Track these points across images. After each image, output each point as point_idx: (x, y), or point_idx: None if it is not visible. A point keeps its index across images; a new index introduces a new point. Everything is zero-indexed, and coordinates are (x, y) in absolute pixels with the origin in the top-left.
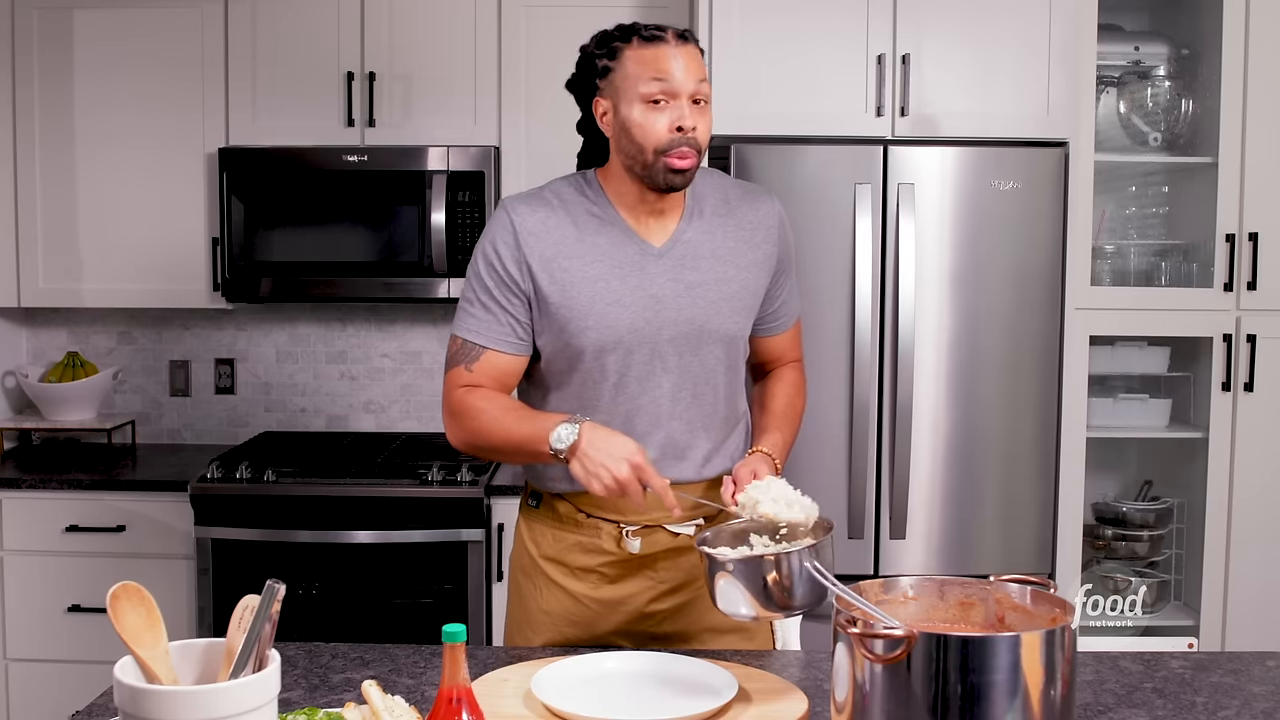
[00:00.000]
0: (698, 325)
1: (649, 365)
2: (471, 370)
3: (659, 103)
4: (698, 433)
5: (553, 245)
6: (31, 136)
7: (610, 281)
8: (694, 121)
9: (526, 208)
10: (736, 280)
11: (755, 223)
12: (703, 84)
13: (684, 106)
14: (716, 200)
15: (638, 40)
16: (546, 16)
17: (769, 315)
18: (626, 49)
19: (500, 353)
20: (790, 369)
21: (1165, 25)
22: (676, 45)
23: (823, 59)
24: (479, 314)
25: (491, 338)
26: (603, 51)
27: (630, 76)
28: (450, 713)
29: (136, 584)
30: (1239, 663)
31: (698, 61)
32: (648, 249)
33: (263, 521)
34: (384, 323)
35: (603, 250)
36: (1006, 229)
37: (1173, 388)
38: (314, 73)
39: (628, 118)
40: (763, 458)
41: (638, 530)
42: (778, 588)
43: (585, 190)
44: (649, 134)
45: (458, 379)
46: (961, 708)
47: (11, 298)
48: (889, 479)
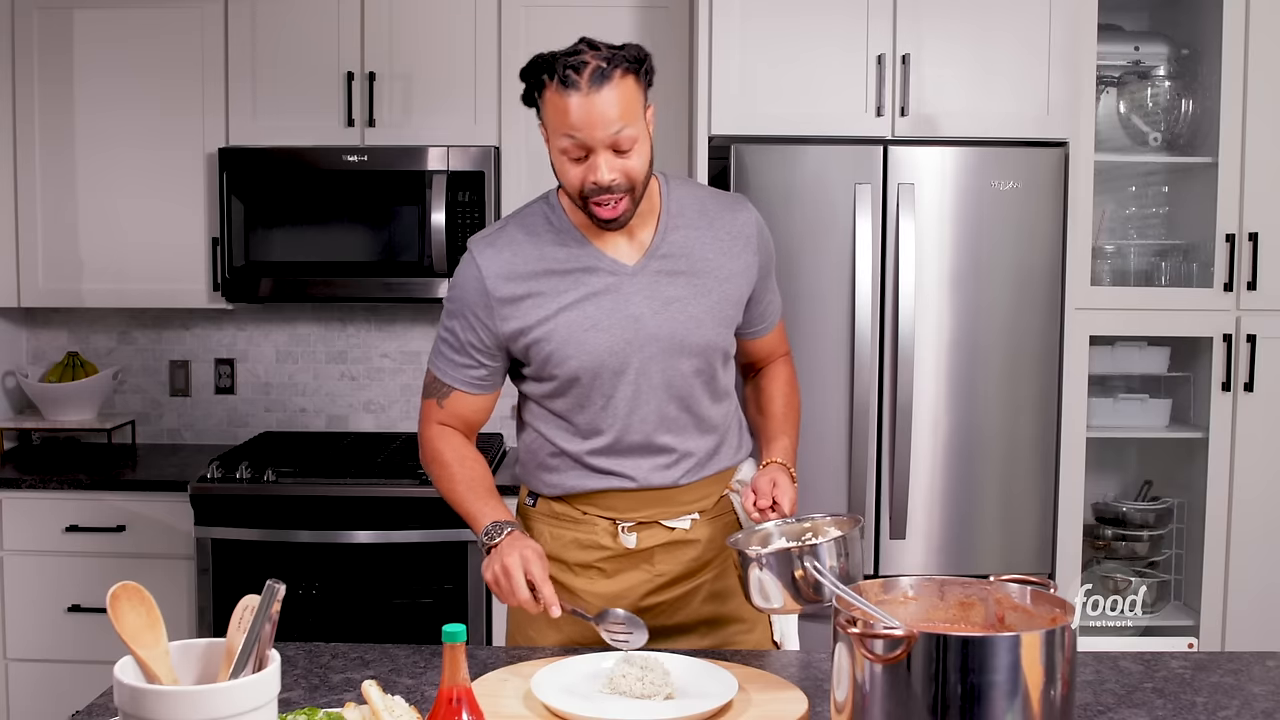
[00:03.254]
0: (678, 340)
1: (635, 383)
2: (442, 406)
3: (572, 155)
4: (690, 439)
5: (522, 285)
6: (31, 137)
7: (585, 308)
8: (611, 174)
9: (492, 250)
10: (716, 292)
11: (734, 233)
12: (624, 131)
13: (598, 159)
14: (694, 212)
15: (554, 84)
16: (546, 16)
17: (754, 319)
18: (545, 90)
19: (466, 394)
20: (780, 364)
21: (1165, 25)
22: (589, 93)
23: (823, 59)
24: (448, 354)
25: (458, 379)
26: (532, 80)
27: (548, 122)
28: (450, 713)
29: (136, 584)
30: (1239, 663)
31: (617, 106)
32: (620, 269)
33: (263, 521)
34: (384, 323)
35: (574, 278)
36: (1006, 229)
37: (1173, 388)
38: (314, 73)
39: (552, 158)
40: (779, 468)
41: (633, 525)
42: (804, 581)
43: (550, 216)
44: (568, 181)
45: (431, 413)
46: (961, 708)
47: (11, 298)
48: (889, 479)
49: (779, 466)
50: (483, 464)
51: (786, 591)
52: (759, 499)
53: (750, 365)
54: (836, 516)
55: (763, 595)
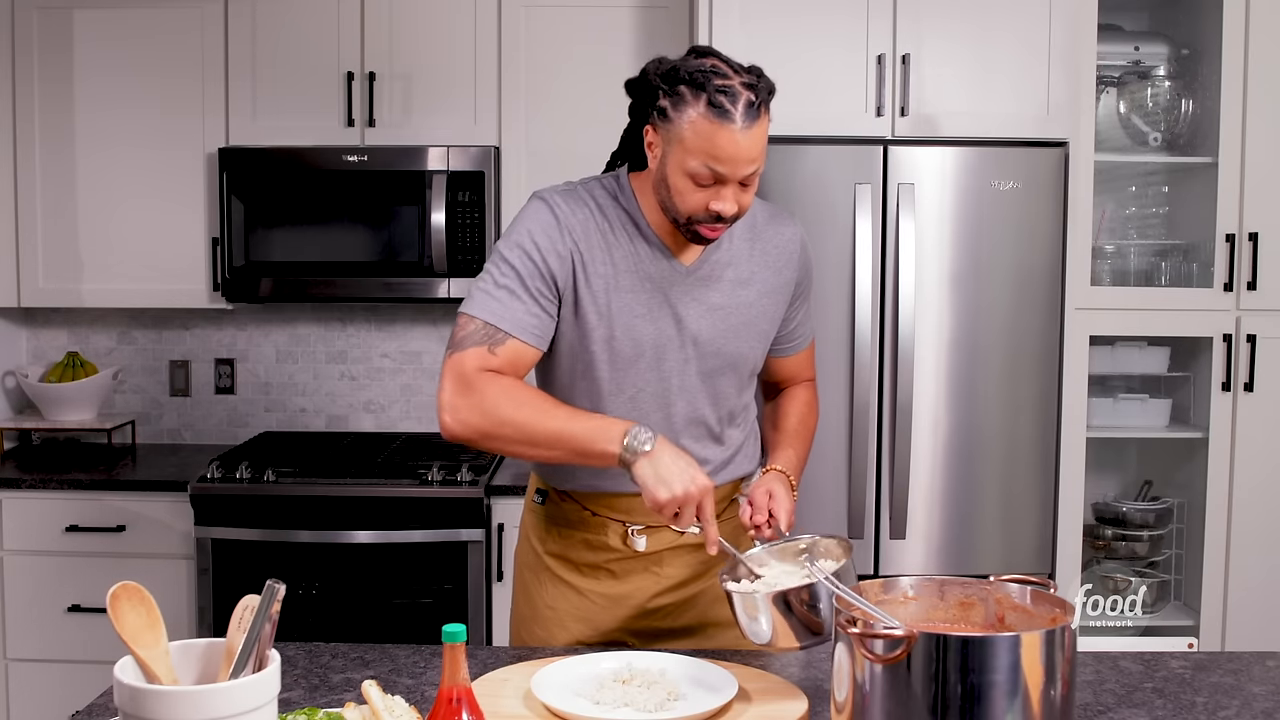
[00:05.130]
0: (715, 348)
1: (664, 382)
2: (496, 354)
3: (702, 181)
4: (708, 447)
5: (590, 246)
6: (31, 136)
7: (639, 294)
8: (734, 206)
9: (566, 203)
10: (756, 306)
11: (780, 247)
12: (758, 166)
13: (727, 191)
14: (744, 223)
15: (706, 106)
16: (546, 16)
17: (784, 337)
18: (690, 109)
19: (524, 343)
20: (803, 388)
21: (1165, 25)
22: (744, 127)
23: (823, 59)
24: (505, 299)
25: (518, 325)
26: (667, 89)
27: (684, 141)
28: (450, 713)
29: (136, 584)
30: (1239, 663)
31: (761, 142)
32: (677, 267)
33: (263, 521)
34: (384, 323)
35: (634, 261)
36: (1006, 229)
37: (1173, 388)
38: (314, 73)
39: (670, 175)
40: (777, 476)
41: (643, 529)
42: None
43: (619, 196)
44: (685, 202)
45: (479, 359)
46: (961, 708)
47: (11, 298)
48: (889, 479)
49: (777, 474)
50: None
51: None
52: (755, 513)
53: (773, 384)
54: (827, 537)
55: (754, 631)
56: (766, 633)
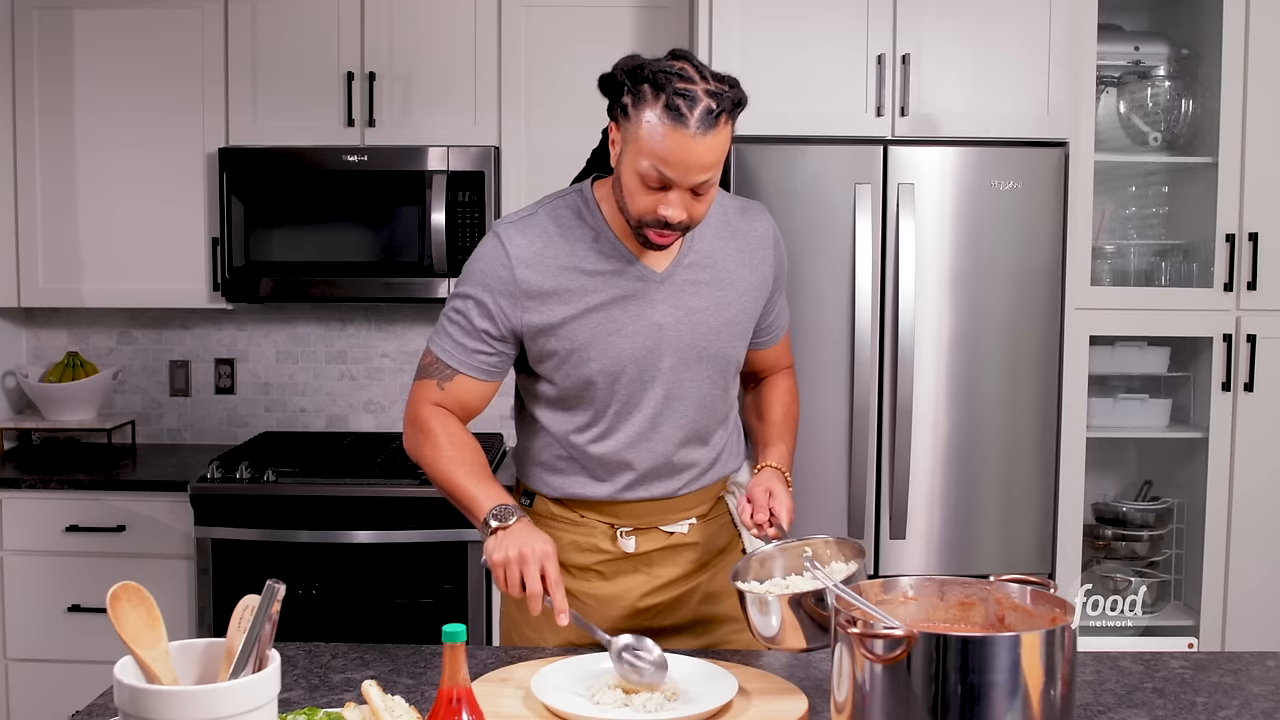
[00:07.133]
0: (697, 350)
1: (649, 390)
2: (443, 389)
3: (650, 183)
4: (695, 449)
5: (550, 276)
6: (31, 137)
7: (611, 311)
8: (683, 214)
9: (521, 236)
10: (736, 305)
11: (754, 243)
12: (710, 176)
13: (673, 196)
14: (717, 221)
15: (663, 108)
16: (546, 16)
17: (763, 329)
18: (648, 108)
19: (472, 379)
20: (783, 376)
21: (1165, 25)
22: (697, 133)
23: (823, 59)
24: (457, 336)
25: (465, 363)
26: (630, 86)
27: (638, 140)
28: (450, 713)
29: (136, 584)
30: (1239, 663)
31: (716, 151)
32: (648, 275)
33: (263, 521)
34: (384, 323)
35: (603, 279)
36: (1006, 229)
37: (1173, 388)
38: (314, 73)
39: (624, 173)
40: (774, 473)
41: (631, 530)
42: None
43: (583, 213)
44: (634, 203)
45: (427, 393)
46: (961, 708)
47: (11, 298)
48: (889, 479)
49: (774, 472)
50: (479, 447)
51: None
52: (755, 511)
53: (752, 375)
54: (839, 540)
55: (766, 632)
56: (776, 631)
